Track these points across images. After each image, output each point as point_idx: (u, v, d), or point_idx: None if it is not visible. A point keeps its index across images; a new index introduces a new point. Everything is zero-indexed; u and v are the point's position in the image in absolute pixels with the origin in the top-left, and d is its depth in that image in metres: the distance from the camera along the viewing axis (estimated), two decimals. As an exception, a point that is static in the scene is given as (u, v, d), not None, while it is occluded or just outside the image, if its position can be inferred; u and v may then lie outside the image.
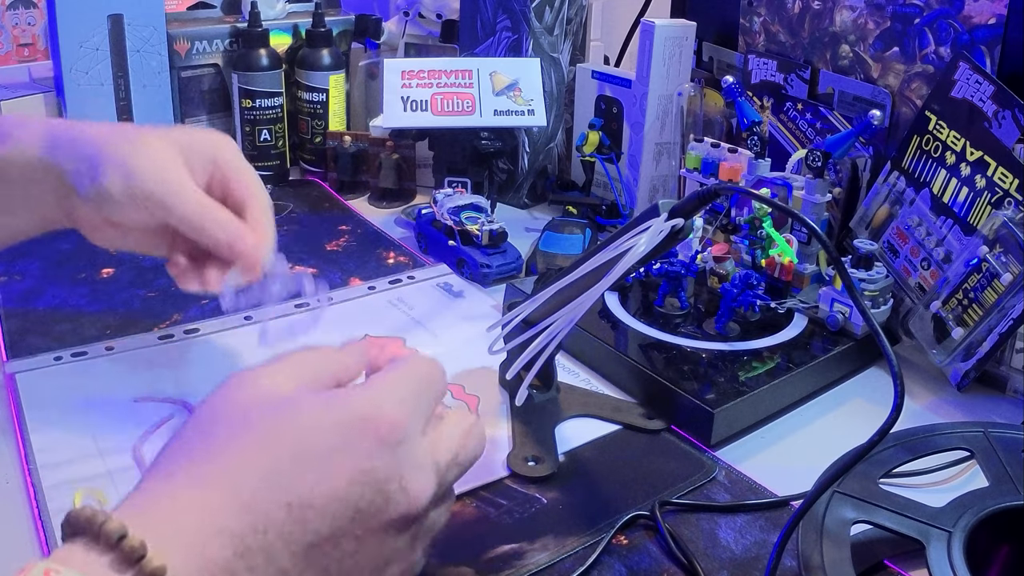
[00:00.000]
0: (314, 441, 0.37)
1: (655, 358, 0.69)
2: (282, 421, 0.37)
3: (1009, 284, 0.65)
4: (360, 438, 0.37)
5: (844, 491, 0.50)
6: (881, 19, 0.82)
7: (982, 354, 0.66)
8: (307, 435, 0.37)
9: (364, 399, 0.39)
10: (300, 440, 0.37)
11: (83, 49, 0.98)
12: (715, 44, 1.01)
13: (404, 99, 0.99)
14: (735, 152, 0.86)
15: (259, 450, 0.36)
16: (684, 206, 0.49)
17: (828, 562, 0.46)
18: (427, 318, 0.79)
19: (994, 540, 0.50)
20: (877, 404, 0.69)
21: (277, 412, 0.37)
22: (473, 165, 1.01)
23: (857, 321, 0.72)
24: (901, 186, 0.79)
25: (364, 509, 0.37)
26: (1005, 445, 0.55)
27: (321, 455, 0.36)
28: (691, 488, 0.58)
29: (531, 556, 0.51)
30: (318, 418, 0.37)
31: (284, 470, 0.36)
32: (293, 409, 0.38)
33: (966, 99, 0.73)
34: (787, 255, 0.77)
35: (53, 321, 0.76)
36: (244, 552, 0.34)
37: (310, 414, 0.37)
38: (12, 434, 0.61)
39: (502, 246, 0.89)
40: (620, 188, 1.01)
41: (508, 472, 0.58)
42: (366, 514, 0.37)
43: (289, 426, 0.37)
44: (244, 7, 1.12)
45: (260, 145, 1.10)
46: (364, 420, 0.38)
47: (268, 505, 0.35)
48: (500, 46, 1.05)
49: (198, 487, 0.35)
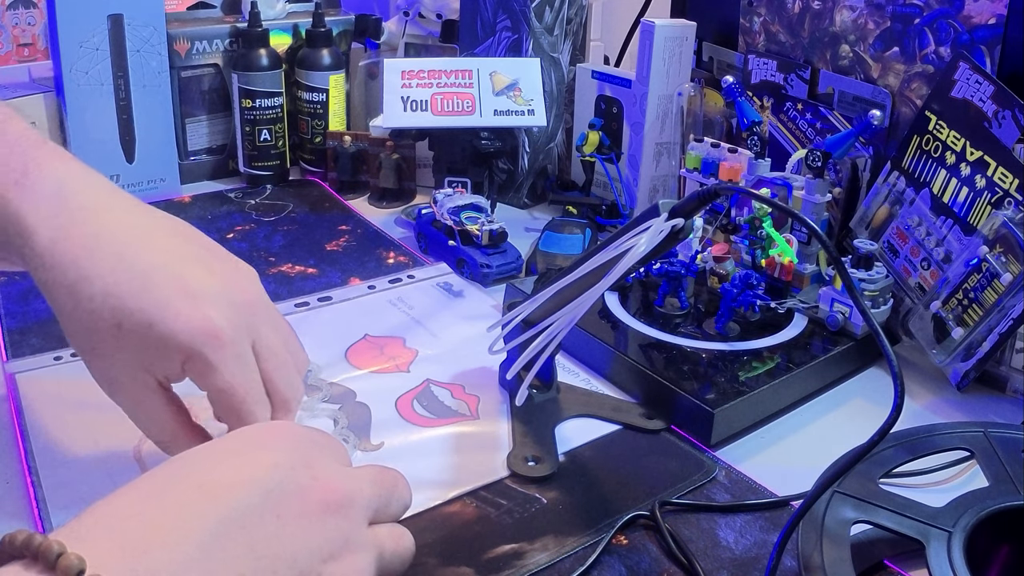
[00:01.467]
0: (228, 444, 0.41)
1: (655, 358, 0.69)
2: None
3: (1009, 284, 0.65)
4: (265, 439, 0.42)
5: (844, 491, 0.50)
6: (881, 19, 0.82)
7: (982, 354, 0.66)
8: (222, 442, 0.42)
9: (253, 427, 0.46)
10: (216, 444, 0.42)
11: (83, 49, 0.98)
12: (715, 44, 1.01)
13: (404, 99, 0.99)
14: (735, 152, 0.86)
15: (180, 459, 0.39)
16: (684, 206, 0.49)
17: (828, 562, 0.46)
18: (427, 318, 0.79)
19: (994, 540, 0.50)
20: (877, 404, 0.69)
21: None
22: (473, 165, 1.01)
23: (857, 321, 0.72)
24: (901, 186, 0.79)
25: (275, 489, 0.38)
26: (1005, 445, 0.55)
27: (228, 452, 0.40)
28: (691, 488, 0.58)
29: (531, 556, 0.51)
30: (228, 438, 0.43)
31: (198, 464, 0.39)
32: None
33: (966, 99, 0.73)
34: (787, 255, 0.77)
35: (53, 321, 0.75)
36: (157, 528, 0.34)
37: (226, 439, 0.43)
38: (12, 434, 0.61)
39: (502, 246, 0.89)
40: (620, 188, 1.01)
41: (508, 472, 0.58)
42: (279, 494, 0.38)
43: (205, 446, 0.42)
44: (244, 7, 1.12)
45: (260, 145, 1.10)
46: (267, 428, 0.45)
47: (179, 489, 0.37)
48: (500, 46, 1.05)
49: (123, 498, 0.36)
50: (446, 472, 0.59)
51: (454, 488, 0.57)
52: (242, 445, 0.41)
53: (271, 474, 0.38)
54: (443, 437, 0.62)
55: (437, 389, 0.68)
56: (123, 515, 0.35)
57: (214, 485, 0.37)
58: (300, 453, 0.40)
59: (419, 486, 0.56)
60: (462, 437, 0.62)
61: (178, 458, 0.39)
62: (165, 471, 0.38)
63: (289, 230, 0.98)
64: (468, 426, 0.64)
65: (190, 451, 0.40)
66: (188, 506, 0.36)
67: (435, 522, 0.54)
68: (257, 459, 0.39)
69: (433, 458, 0.60)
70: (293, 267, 0.89)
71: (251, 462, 0.39)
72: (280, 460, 0.39)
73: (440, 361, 0.72)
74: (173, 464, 0.39)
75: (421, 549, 0.51)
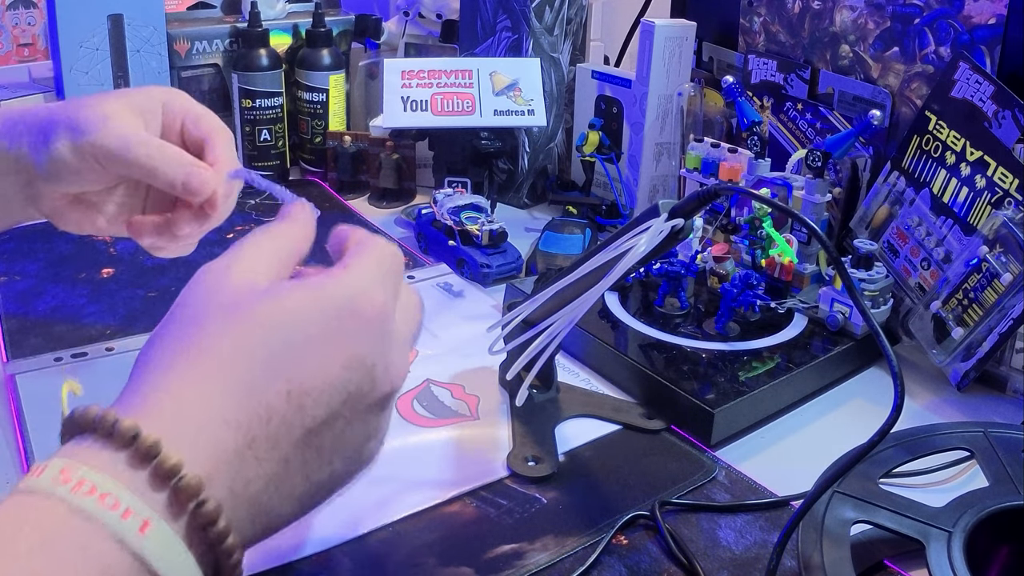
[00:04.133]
0: (307, 330, 0.37)
1: (655, 358, 0.69)
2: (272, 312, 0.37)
3: (1009, 284, 0.65)
4: (350, 323, 0.38)
5: (844, 491, 0.50)
6: (881, 19, 0.82)
7: (982, 354, 0.66)
8: (299, 324, 0.37)
9: (347, 285, 0.39)
10: (293, 329, 0.37)
11: (83, 49, 0.98)
12: (715, 44, 1.01)
13: (404, 99, 0.99)
14: (735, 152, 0.86)
15: (254, 341, 0.36)
16: (684, 206, 0.49)
17: (828, 562, 0.46)
18: (427, 318, 0.78)
19: (994, 540, 0.50)
20: (877, 404, 0.69)
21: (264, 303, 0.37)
22: (473, 165, 1.01)
23: (857, 321, 0.72)
24: (901, 186, 0.79)
25: (354, 392, 0.37)
26: (1005, 445, 0.55)
27: (315, 343, 0.37)
28: (691, 488, 0.58)
29: (531, 556, 0.51)
30: (307, 306, 0.37)
31: (281, 359, 0.36)
32: (279, 299, 0.37)
33: (966, 99, 0.73)
34: (787, 255, 0.77)
35: (53, 321, 0.76)
36: (251, 442, 0.34)
37: (298, 303, 0.37)
38: (12, 434, 0.61)
39: (502, 246, 0.89)
40: (620, 188, 1.01)
41: (508, 472, 0.58)
42: (356, 396, 0.38)
43: (280, 316, 0.37)
44: (244, 7, 1.12)
45: (260, 145, 1.10)
46: (352, 307, 0.38)
47: (269, 394, 0.35)
48: (500, 46, 1.05)
49: (199, 381, 0.35)
50: (446, 472, 0.59)
51: (454, 488, 0.57)
52: (327, 330, 0.37)
53: (352, 375, 0.37)
54: (443, 437, 0.62)
55: (437, 389, 0.68)
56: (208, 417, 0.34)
57: (301, 393, 0.36)
58: (382, 342, 0.39)
59: (419, 486, 0.57)
60: (462, 437, 0.62)
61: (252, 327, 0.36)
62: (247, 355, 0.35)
63: (289, 230, 0.98)
64: (468, 426, 0.64)
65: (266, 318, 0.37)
66: (277, 416, 0.35)
67: (435, 522, 0.54)
68: (342, 354, 0.37)
69: (433, 458, 0.60)
70: (293, 267, 0.89)
71: (337, 359, 0.37)
72: (363, 353, 0.38)
73: (440, 361, 0.72)
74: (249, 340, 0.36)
75: (421, 549, 0.51)
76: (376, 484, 0.57)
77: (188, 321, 0.37)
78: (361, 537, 0.52)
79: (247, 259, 0.40)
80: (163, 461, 0.32)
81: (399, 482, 0.57)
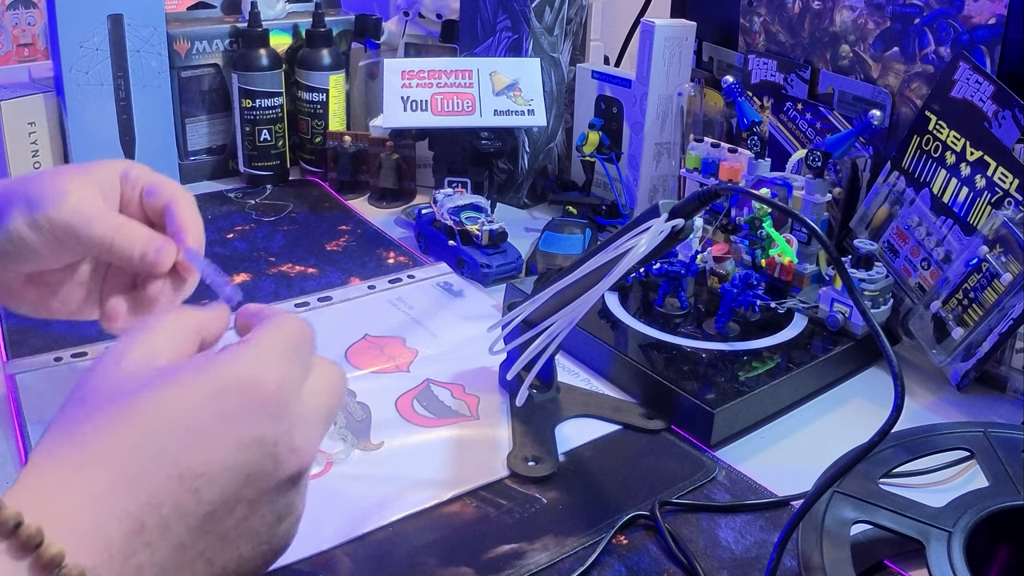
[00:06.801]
0: (198, 412, 0.36)
1: (655, 358, 0.69)
2: (163, 394, 0.36)
3: (1009, 284, 0.65)
4: (244, 405, 0.37)
5: (844, 491, 0.50)
6: (881, 19, 0.82)
7: (982, 354, 0.66)
8: (190, 407, 0.36)
9: (243, 363, 0.38)
10: (183, 412, 0.36)
11: (83, 49, 0.98)
12: (715, 44, 1.01)
13: (404, 99, 0.99)
14: (735, 152, 0.86)
15: (143, 426, 0.36)
16: (684, 206, 0.49)
17: (828, 562, 0.46)
18: (427, 318, 0.79)
19: (994, 540, 0.50)
20: (877, 404, 0.69)
21: (158, 385, 0.37)
22: (473, 165, 1.01)
23: (857, 321, 0.72)
24: (901, 186, 0.79)
25: (255, 473, 0.37)
26: (1005, 445, 0.55)
27: (206, 425, 0.36)
28: (691, 488, 0.58)
29: (531, 556, 0.51)
30: (200, 388, 0.37)
31: (170, 443, 0.35)
32: (173, 381, 0.37)
33: (966, 99, 0.73)
34: (787, 255, 0.77)
35: (53, 321, 0.76)
36: (140, 529, 0.34)
37: (192, 385, 0.37)
38: (12, 434, 0.61)
39: (502, 246, 0.89)
40: (620, 188, 1.01)
41: (508, 472, 0.58)
42: (257, 477, 0.37)
43: (171, 399, 0.36)
44: (244, 7, 1.12)
45: (260, 145, 1.10)
46: (246, 386, 0.37)
47: (158, 480, 0.35)
48: (500, 46, 1.05)
49: (86, 468, 0.35)
50: (446, 472, 0.59)
51: (454, 488, 0.57)
52: (216, 412, 0.37)
53: (250, 456, 0.37)
54: (443, 437, 0.62)
55: (437, 389, 0.68)
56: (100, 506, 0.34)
57: (193, 476, 0.35)
58: (281, 421, 0.38)
59: (419, 486, 0.57)
60: (462, 437, 0.62)
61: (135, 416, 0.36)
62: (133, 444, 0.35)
63: (289, 230, 0.98)
64: (468, 426, 0.64)
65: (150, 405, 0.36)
66: (168, 502, 0.35)
67: (435, 522, 0.54)
68: (235, 435, 0.36)
69: (433, 458, 0.60)
70: (293, 267, 0.89)
71: (230, 441, 0.36)
72: (260, 434, 0.37)
73: (440, 361, 0.72)
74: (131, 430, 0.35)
75: (421, 549, 0.51)
76: (376, 484, 0.57)
77: (83, 403, 0.37)
78: (361, 537, 0.52)
79: (147, 340, 0.39)
80: (44, 552, 0.31)
81: (399, 482, 0.57)
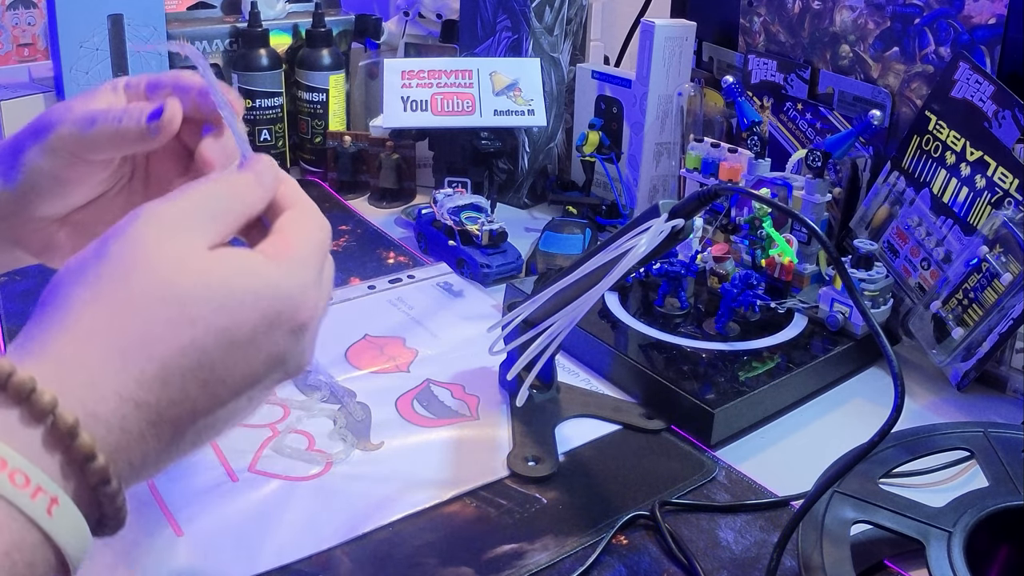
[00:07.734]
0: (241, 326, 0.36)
1: (655, 358, 0.69)
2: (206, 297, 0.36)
3: (1009, 284, 0.65)
4: (277, 327, 0.37)
5: (844, 491, 0.50)
6: (881, 19, 0.82)
7: (982, 354, 0.66)
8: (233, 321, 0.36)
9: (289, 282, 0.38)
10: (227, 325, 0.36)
11: (83, 49, 0.98)
12: (715, 44, 1.01)
13: (404, 99, 0.99)
14: (735, 152, 0.86)
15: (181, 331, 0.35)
16: (684, 206, 0.49)
17: (828, 562, 0.46)
18: (427, 318, 0.79)
19: (994, 540, 0.50)
20: (877, 404, 0.69)
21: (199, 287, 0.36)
22: (473, 165, 1.01)
23: (857, 321, 0.72)
24: (901, 186, 0.79)
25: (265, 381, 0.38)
26: (1005, 445, 0.55)
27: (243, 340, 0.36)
28: (691, 488, 0.58)
29: (531, 556, 0.51)
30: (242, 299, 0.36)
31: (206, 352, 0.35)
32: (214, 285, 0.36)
33: (966, 99, 0.73)
34: (787, 255, 0.77)
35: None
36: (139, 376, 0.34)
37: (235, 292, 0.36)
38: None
39: (502, 246, 0.89)
40: (620, 188, 1.01)
41: (508, 472, 0.58)
42: (266, 384, 0.38)
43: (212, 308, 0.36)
44: (244, 7, 1.12)
45: (260, 145, 1.10)
46: (280, 311, 0.37)
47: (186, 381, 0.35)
48: (500, 46, 1.05)
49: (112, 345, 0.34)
50: (446, 472, 0.59)
51: (454, 488, 0.57)
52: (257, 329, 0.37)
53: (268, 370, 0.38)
54: (443, 437, 0.62)
55: (437, 389, 0.68)
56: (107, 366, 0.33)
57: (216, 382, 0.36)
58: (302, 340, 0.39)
59: (419, 486, 0.57)
60: (462, 437, 0.62)
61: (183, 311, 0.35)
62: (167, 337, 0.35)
63: (289, 230, 0.98)
64: (468, 426, 0.64)
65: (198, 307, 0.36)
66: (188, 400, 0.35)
67: (435, 522, 0.54)
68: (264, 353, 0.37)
69: (433, 458, 0.60)
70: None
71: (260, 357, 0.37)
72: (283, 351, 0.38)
73: (440, 361, 0.72)
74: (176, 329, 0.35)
75: (421, 549, 0.51)
76: (376, 484, 0.57)
77: (118, 277, 0.35)
78: (361, 537, 0.52)
79: (191, 215, 0.38)
80: (59, 419, 0.31)
81: (399, 482, 0.57)
